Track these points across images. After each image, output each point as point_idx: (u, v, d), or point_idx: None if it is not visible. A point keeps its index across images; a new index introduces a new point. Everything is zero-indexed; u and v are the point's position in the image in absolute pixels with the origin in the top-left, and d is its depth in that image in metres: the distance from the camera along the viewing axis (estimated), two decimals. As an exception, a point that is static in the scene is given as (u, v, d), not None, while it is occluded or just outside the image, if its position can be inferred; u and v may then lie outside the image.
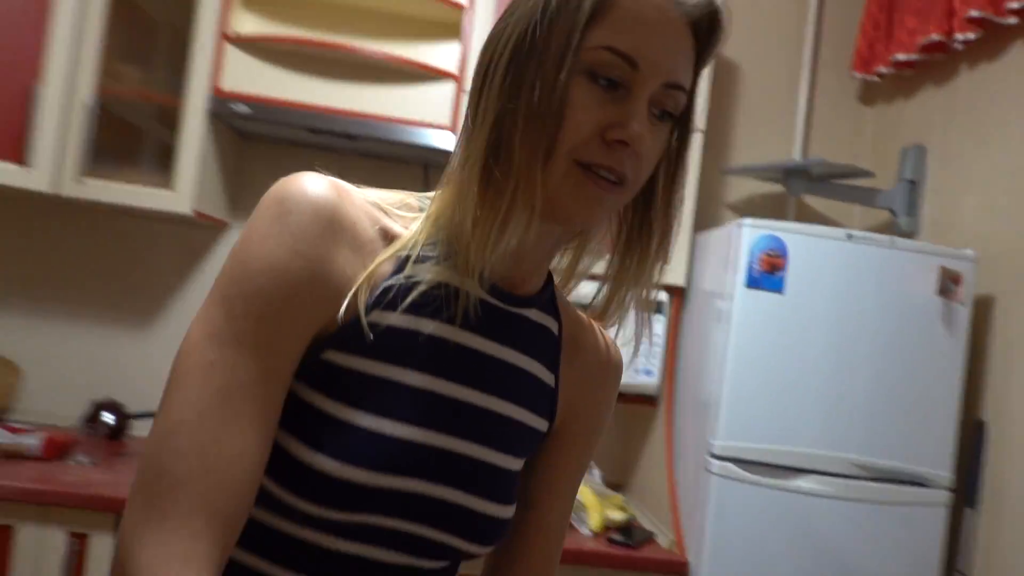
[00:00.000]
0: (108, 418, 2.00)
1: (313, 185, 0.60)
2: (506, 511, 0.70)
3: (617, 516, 1.91)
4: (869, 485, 1.79)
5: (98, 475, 1.78)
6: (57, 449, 1.84)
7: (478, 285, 0.64)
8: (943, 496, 1.79)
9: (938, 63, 2.19)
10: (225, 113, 1.98)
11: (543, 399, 0.74)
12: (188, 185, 1.95)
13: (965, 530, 1.81)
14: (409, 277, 0.62)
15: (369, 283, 0.61)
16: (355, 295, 0.60)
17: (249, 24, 2.05)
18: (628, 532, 1.86)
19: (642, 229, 0.69)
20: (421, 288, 0.62)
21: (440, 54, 2.04)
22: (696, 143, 2.04)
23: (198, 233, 2.30)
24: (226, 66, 1.98)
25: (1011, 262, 1.82)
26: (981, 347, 1.88)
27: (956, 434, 1.80)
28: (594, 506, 1.91)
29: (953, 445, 1.80)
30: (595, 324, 0.79)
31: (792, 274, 1.80)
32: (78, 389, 2.18)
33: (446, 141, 1.99)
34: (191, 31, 1.96)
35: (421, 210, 0.67)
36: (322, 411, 0.60)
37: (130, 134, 2.16)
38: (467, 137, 0.63)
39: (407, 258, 0.63)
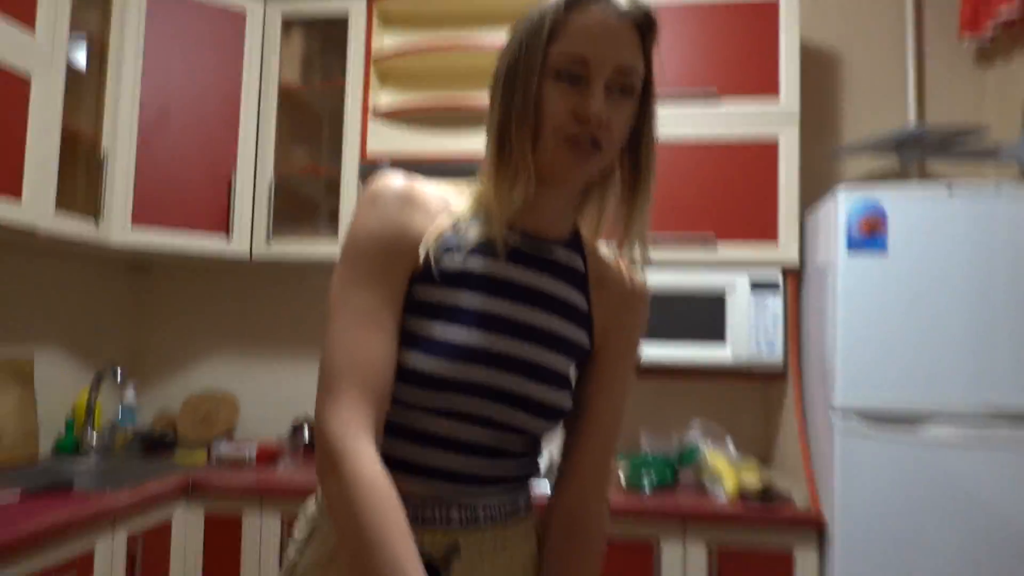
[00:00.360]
0: (305, 432, 2.40)
1: (393, 178, 0.87)
2: (559, 396, 0.90)
3: (752, 481, 1.98)
4: (1007, 430, 1.74)
5: (300, 474, 2.17)
6: (268, 457, 2.27)
7: (504, 232, 0.87)
8: (1097, 437, 1.71)
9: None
10: (372, 173, 2.39)
11: (578, 316, 0.94)
12: (349, 235, 2.37)
13: None
14: (460, 233, 0.88)
15: (437, 238, 0.87)
16: (427, 243, 0.86)
17: (385, 98, 2.48)
18: (764, 494, 1.94)
19: (637, 180, 0.90)
20: (470, 239, 0.87)
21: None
22: (794, 131, 2.17)
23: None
24: (370, 135, 2.41)
25: None
26: (1124, 281, 1.79)
27: (1103, 372, 1.72)
28: (728, 473, 2.00)
29: (1101, 383, 1.72)
30: (619, 262, 0.99)
31: (895, 234, 1.84)
32: (282, 411, 2.68)
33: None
34: (343, 112, 2.42)
35: (470, 192, 0.92)
36: (413, 329, 0.85)
37: (304, 202, 2.64)
38: (487, 136, 0.88)
39: (459, 221, 0.88)
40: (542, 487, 2.00)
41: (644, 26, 0.85)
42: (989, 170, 2.46)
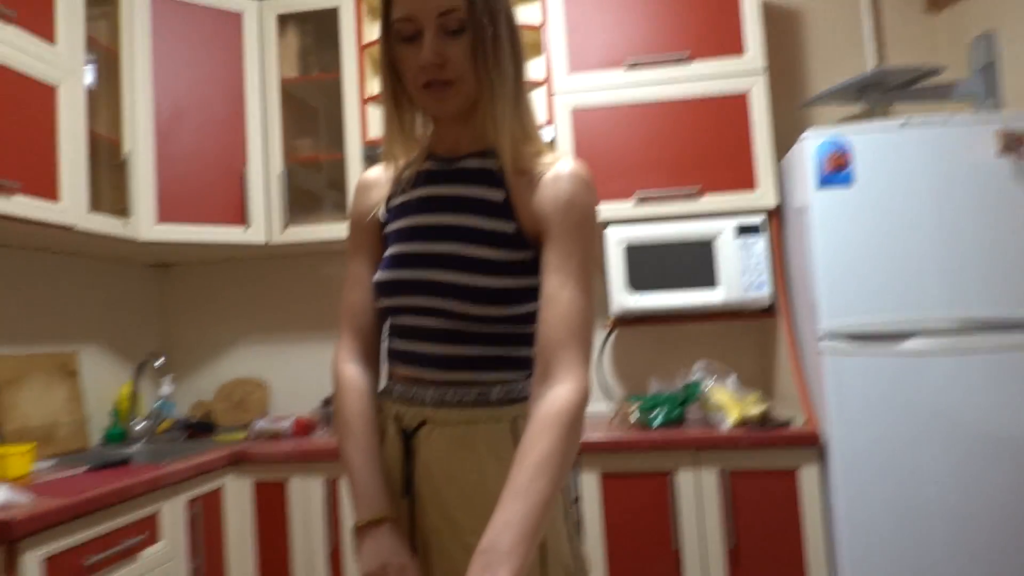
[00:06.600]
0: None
1: (362, 174, 1.21)
2: (482, 279, 1.03)
3: (754, 411, 2.17)
4: (978, 337, 1.94)
5: (336, 441, 2.33)
6: (304, 428, 2.44)
7: (412, 165, 1.14)
8: (1055, 333, 1.90)
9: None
10: (374, 156, 2.55)
11: (495, 208, 1.06)
12: (359, 216, 2.53)
13: (1090, 363, 1.90)
14: (398, 184, 1.17)
15: (384, 198, 1.18)
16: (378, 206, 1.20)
17: (378, 86, 2.63)
18: (764, 420, 2.12)
19: (495, 92, 1.03)
20: (402, 184, 1.16)
21: (532, 67, 2.50)
22: (762, 85, 2.34)
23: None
24: (369, 121, 2.56)
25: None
26: (1070, 193, 1.98)
27: (1056, 274, 1.91)
28: (731, 405, 2.19)
29: (1055, 285, 1.91)
30: (537, 160, 1.07)
31: (860, 167, 2.02)
32: (311, 391, 2.84)
33: (547, 134, 2.43)
34: (341, 103, 2.57)
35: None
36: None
37: (311, 190, 2.80)
38: (382, 99, 1.12)
39: (395, 176, 1.18)
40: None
41: None
42: (947, 108, 2.65)
